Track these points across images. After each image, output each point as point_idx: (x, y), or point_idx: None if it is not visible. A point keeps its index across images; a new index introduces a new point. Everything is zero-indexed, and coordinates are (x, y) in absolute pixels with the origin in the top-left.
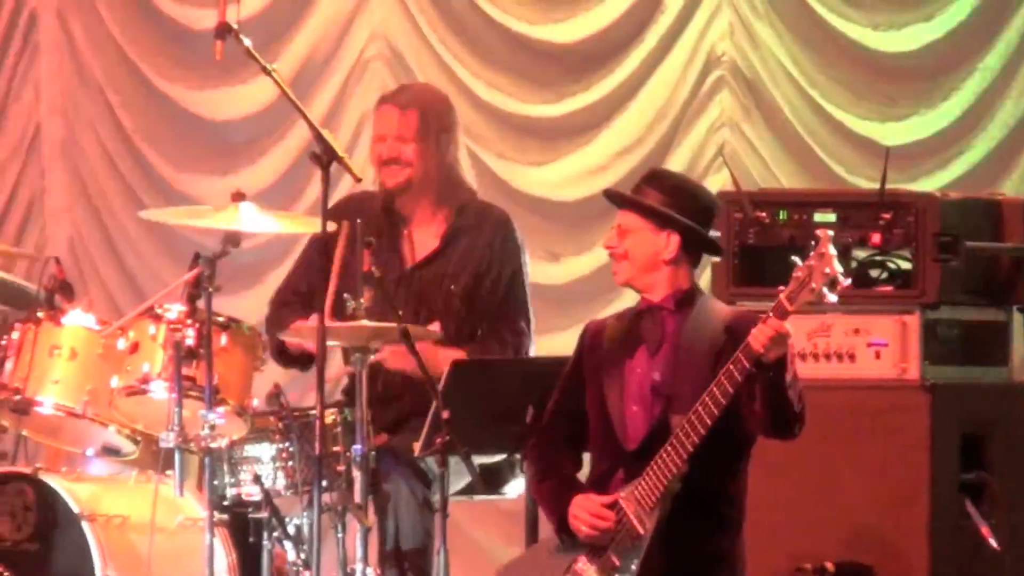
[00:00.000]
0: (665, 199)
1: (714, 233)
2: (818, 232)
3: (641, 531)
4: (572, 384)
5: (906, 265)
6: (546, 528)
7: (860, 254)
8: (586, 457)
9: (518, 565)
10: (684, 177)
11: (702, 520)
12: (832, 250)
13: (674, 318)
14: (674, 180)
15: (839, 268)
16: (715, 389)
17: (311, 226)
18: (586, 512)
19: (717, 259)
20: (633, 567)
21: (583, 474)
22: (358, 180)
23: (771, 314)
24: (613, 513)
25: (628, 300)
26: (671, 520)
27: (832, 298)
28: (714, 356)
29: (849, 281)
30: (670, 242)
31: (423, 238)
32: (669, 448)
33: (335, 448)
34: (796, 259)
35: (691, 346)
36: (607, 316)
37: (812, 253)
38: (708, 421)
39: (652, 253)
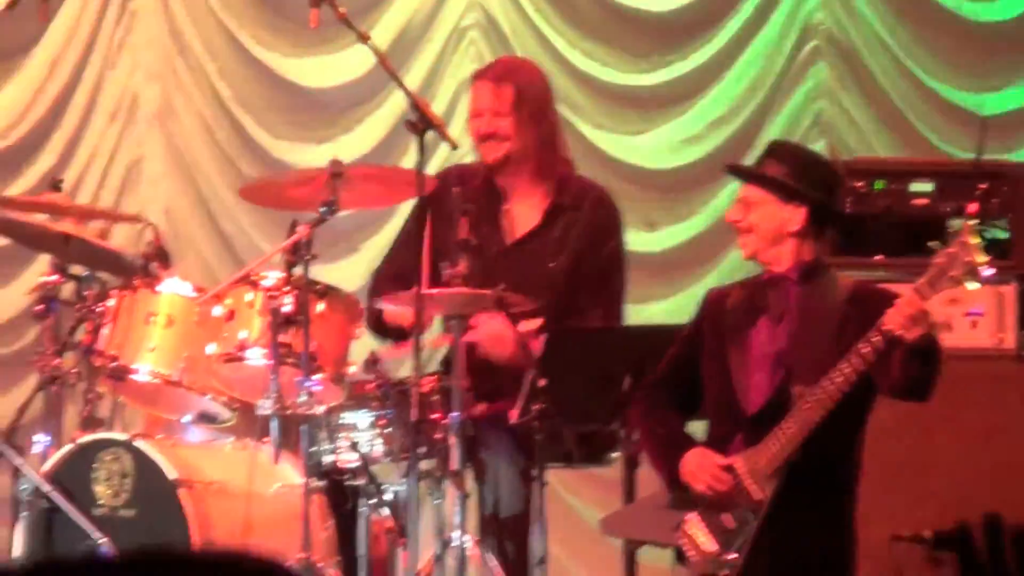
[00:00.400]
0: (790, 172)
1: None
2: (962, 221)
3: (758, 496)
4: (688, 350)
5: (1003, 235)
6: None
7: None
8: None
9: (623, 516)
10: (808, 149)
11: (820, 489)
12: (974, 240)
13: (798, 289)
14: (799, 153)
15: (982, 258)
16: (845, 366)
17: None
18: (704, 471)
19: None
20: (748, 531)
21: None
22: (454, 147)
23: (913, 293)
24: (730, 476)
25: (725, 268)
26: (789, 487)
27: (973, 286)
28: (837, 327)
29: (993, 271)
30: (796, 214)
31: (523, 213)
32: (792, 418)
33: (433, 415)
34: (936, 244)
35: (814, 317)
36: (730, 284)
37: (954, 240)
38: (837, 396)
39: (778, 226)
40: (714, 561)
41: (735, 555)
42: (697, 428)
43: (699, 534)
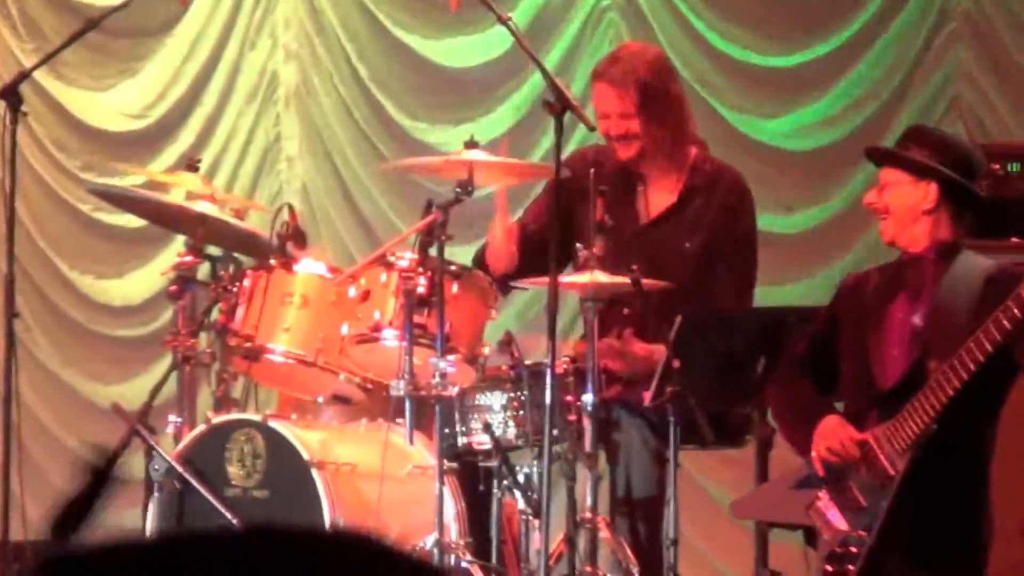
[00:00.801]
0: (925, 152)
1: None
2: None
3: (891, 472)
4: (825, 330)
5: None
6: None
7: None
8: None
9: (754, 498)
10: (945, 132)
11: (955, 466)
12: None
13: (935, 267)
14: (935, 134)
15: None
16: (981, 336)
17: (544, 173)
18: (836, 437)
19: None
20: (880, 509)
21: None
22: (592, 129)
23: None
24: (858, 449)
25: (861, 250)
26: (923, 463)
27: None
28: (975, 305)
29: None
30: (929, 191)
31: (658, 194)
32: (927, 392)
33: (566, 397)
34: None
35: (952, 294)
36: (869, 268)
37: None
38: (971, 367)
39: (912, 204)
40: (845, 538)
41: (864, 533)
42: None
43: (830, 512)
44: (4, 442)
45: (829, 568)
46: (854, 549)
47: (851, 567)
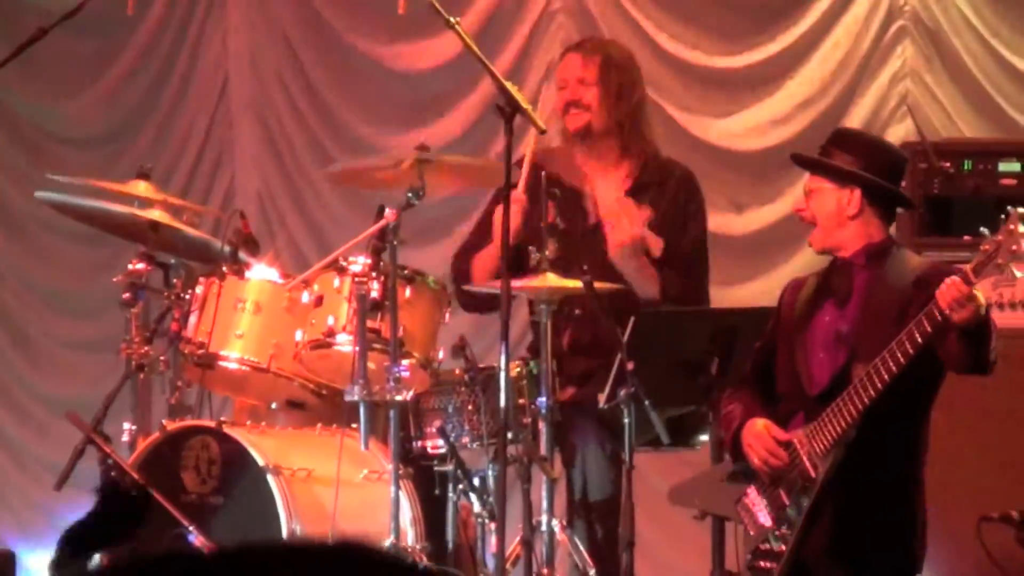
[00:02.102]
0: (848, 157)
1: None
2: (1010, 208)
3: (813, 474)
4: (768, 342)
5: None
6: None
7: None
8: None
9: (691, 486)
10: (868, 134)
11: (875, 468)
12: (1022, 228)
13: (864, 272)
14: (857, 138)
15: None
16: (898, 346)
17: (495, 175)
18: (761, 445)
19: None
20: (802, 507)
21: None
22: (542, 132)
23: (958, 277)
24: (786, 452)
25: (811, 251)
26: (844, 466)
27: (1019, 274)
28: (901, 308)
29: None
30: (852, 197)
31: (605, 193)
32: (847, 396)
33: (520, 400)
34: (985, 231)
35: (879, 299)
36: (807, 274)
37: (1001, 228)
38: (886, 376)
39: (836, 210)
40: (769, 535)
41: (786, 531)
42: None
43: (756, 508)
44: None
45: (754, 563)
46: (777, 547)
47: (774, 565)
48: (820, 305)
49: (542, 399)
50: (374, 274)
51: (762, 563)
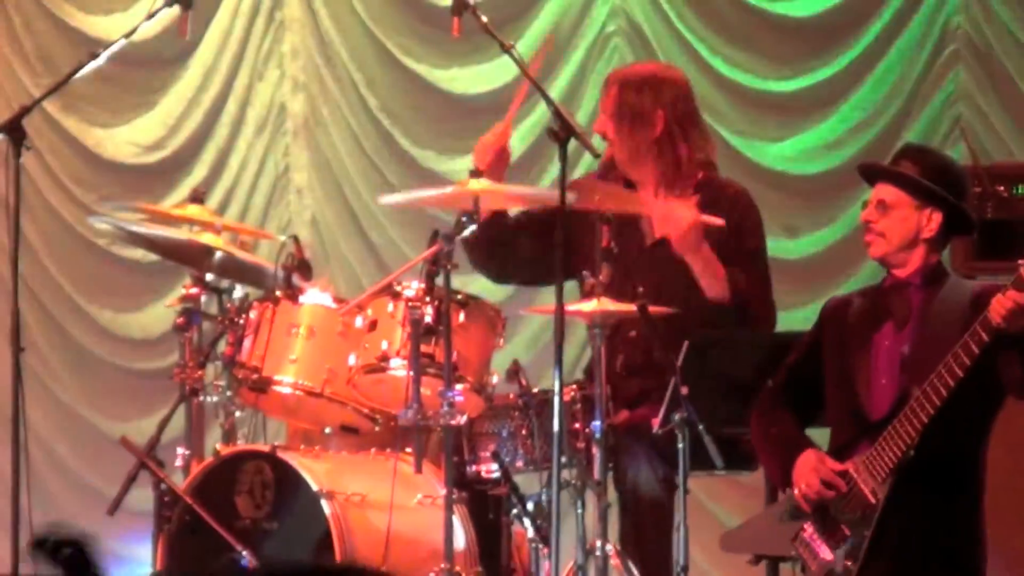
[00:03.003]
0: (925, 174)
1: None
2: None
3: (872, 501)
4: (809, 355)
5: None
6: None
7: None
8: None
9: (742, 532)
10: (940, 152)
11: (936, 492)
12: None
13: (921, 293)
14: (933, 156)
15: None
16: (951, 361)
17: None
18: (816, 475)
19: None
20: (864, 538)
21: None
22: (596, 156)
23: (1010, 287)
24: (843, 482)
25: (866, 274)
26: (904, 491)
27: None
28: (960, 331)
29: None
30: (932, 220)
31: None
32: (903, 419)
33: (574, 425)
34: None
35: (938, 320)
36: (850, 292)
37: None
38: (943, 392)
39: (913, 231)
40: (831, 569)
41: (849, 562)
42: (815, 435)
43: (815, 543)
44: (14, 474)
45: None
46: None
47: None
48: (878, 328)
49: (596, 423)
50: (428, 299)
51: None
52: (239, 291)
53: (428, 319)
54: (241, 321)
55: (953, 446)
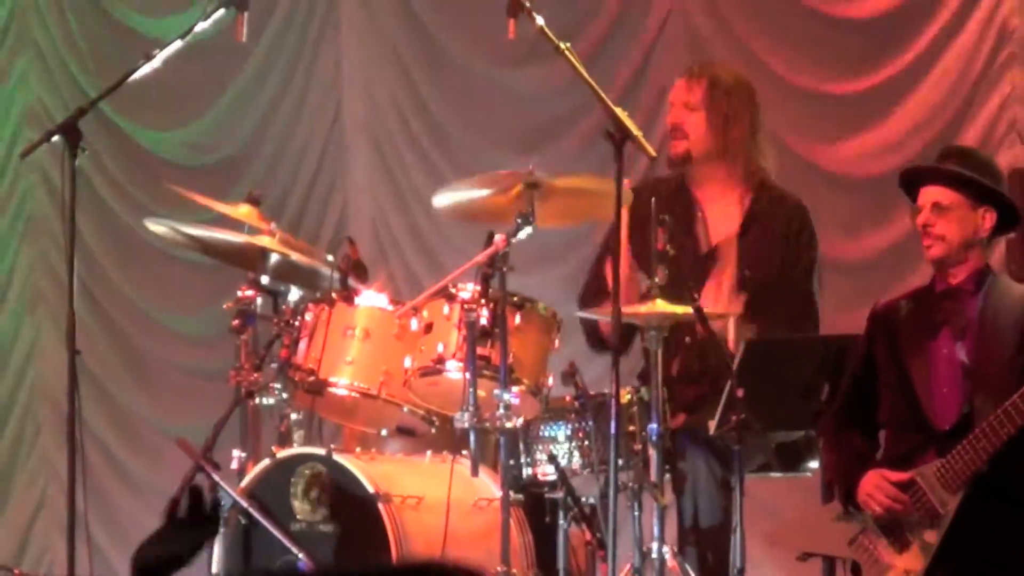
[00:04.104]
0: (974, 173)
1: None
2: None
3: (941, 511)
4: (864, 366)
5: None
6: None
7: None
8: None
9: (793, 527)
10: (983, 153)
11: (1008, 504)
12: None
13: (974, 298)
14: (977, 156)
15: None
16: None
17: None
18: (881, 493)
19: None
20: (927, 545)
21: None
22: (652, 158)
23: None
24: (908, 496)
25: (923, 275)
26: (975, 505)
27: None
28: (1020, 337)
29: None
30: (987, 219)
31: (717, 220)
32: (981, 433)
33: (631, 427)
34: None
35: (995, 328)
36: (896, 297)
37: None
38: None
39: (971, 231)
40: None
41: (911, 570)
42: None
43: (877, 548)
44: (70, 476)
45: None
46: None
47: None
48: (934, 335)
49: (652, 426)
50: (483, 301)
51: None
52: (295, 293)
53: (484, 321)
54: (297, 323)
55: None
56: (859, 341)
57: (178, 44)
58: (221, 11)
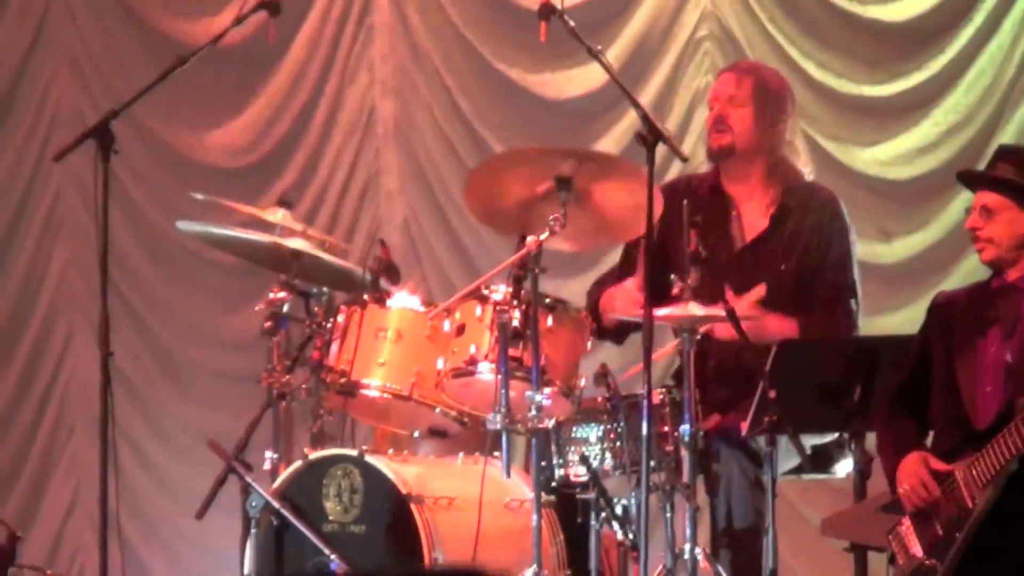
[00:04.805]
0: None
1: None
2: None
3: (970, 505)
4: (919, 357)
5: None
6: None
7: None
8: None
9: (844, 518)
10: None
11: None
12: None
13: None
14: None
15: None
16: None
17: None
18: (914, 474)
19: None
20: (955, 540)
21: None
22: (684, 160)
23: None
24: (936, 484)
25: (957, 279)
26: (1003, 499)
27: None
28: None
29: None
30: None
31: (752, 218)
32: (1013, 428)
33: (663, 428)
34: None
35: None
36: (958, 288)
37: None
38: None
39: (1020, 233)
40: (919, 566)
41: (935, 562)
42: None
43: (909, 538)
44: (102, 477)
45: None
46: None
47: None
48: (984, 333)
49: (685, 427)
50: (515, 303)
51: None
52: (326, 295)
53: (516, 323)
54: (329, 325)
55: None
56: (919, 334)
57: (211, 47)
58: (254, 15)
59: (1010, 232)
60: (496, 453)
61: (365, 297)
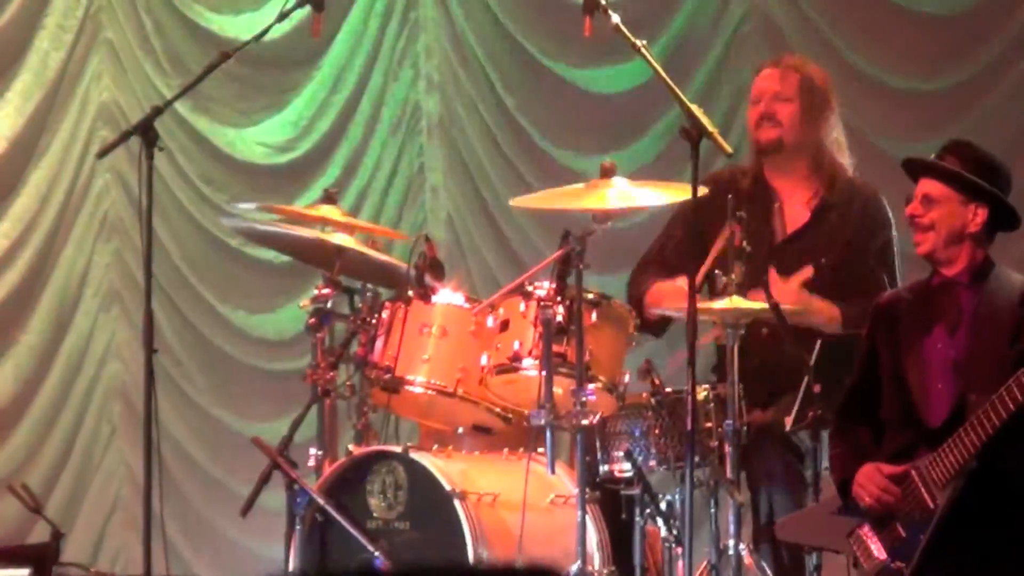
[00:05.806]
0: (970, 169)
1: None
2: None
3: (931, 505)
4: (867, 361)
5: None
6: None
7: None
8: None
9: (797, 521)
10: (984, 149)
11: (997, 500)
12: None
13: (969, 292)
14: (978, 152)
15: None
16: (1022, 376)
17: (678, 197)
18: (873, 484)
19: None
20: (919, 541)
21: None
22: (729, 155)
23: None
24: (898, 488)
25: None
26: (965, 498)
27: None
28: (1013, 330)
29: None
30: (977, 215)
31: (794, 211)
32: (969, 427)
33: (707, 424)
34: None
35: (988, 323)
36: (899, 288)
37: None
38: (1011, 405)
39: (959, 226)
40: (883, 568)
41: (901, 564)
42: None
43: (870, 541)
44: (146, 475)
45: None
46: None
47: None
48: (929, 330)
49: (729, 422)
50: (559, 298)
51: None
52: (371, 291)
53: (560, 319)
54: (373, 321)
55: (1014, 457)
56: (863, 340)
57: (254, 43)
58: (297, 10)
59: (949, 224)
60: (540, 449)
61: (410, 293)
